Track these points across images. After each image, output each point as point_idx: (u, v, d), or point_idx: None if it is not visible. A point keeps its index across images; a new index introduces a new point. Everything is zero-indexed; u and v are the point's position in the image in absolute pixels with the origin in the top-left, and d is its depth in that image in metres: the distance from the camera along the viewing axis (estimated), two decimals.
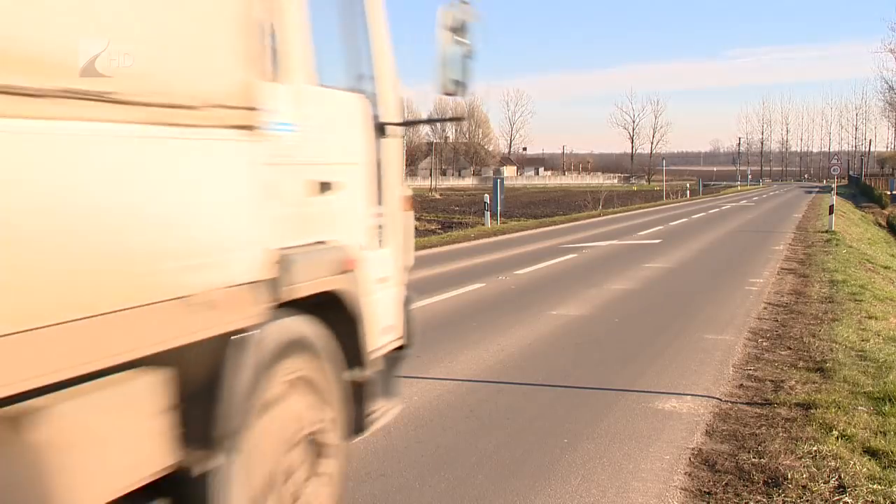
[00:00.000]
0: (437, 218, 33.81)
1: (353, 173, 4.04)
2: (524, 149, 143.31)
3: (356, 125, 4.11)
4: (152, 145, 2.57)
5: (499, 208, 30.50)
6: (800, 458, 5.37)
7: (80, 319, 2.31)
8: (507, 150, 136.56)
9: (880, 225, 39.88)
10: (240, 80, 2.99)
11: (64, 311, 2.26)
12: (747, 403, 6.77)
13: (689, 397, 6.92)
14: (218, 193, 2.91)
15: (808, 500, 4.71)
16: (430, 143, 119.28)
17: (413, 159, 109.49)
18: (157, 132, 2.59)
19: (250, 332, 3.08)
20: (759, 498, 4.77)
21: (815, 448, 5.53)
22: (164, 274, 2.62)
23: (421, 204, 42.70)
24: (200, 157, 2.81)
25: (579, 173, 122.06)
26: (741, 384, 7.37)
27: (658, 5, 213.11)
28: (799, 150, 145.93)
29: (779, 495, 4.78)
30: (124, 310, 2.45)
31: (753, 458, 5.42)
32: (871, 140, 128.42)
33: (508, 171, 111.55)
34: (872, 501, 4.70)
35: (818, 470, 5.16)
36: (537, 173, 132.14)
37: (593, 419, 6.28)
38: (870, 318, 10.77)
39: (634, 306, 11.81)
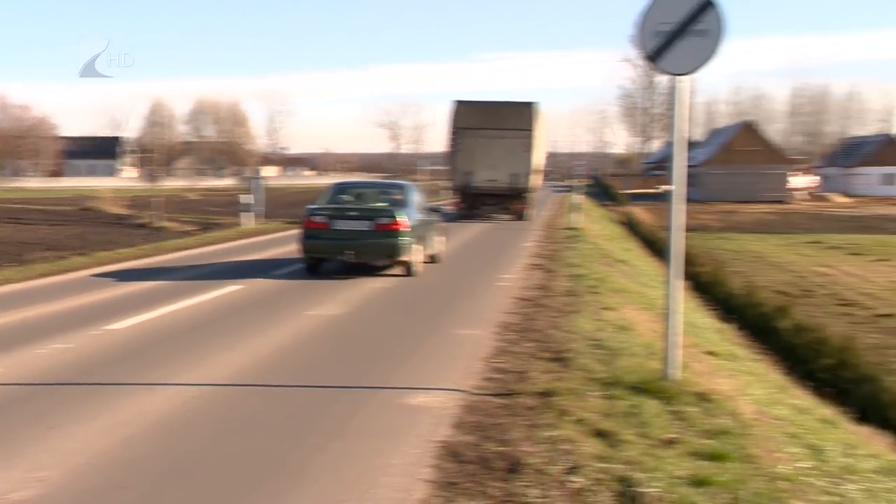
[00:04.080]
0: (194, 219, 32.70)
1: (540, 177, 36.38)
2: (285, 148, 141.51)
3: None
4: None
5: (259, 208, 30.06)
6: (538, 444, 5.69)
7: None
8: (268, 150, 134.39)
9: (620, 222, 43.02)
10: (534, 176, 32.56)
11: None
12: (493, 395, 7.07)
13: (439, 391, 7.14)
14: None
15: (542, 483, 5.01)
16: (186, 143, 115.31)
17: (169, 159, 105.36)
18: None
19: None
20: (498, 484, 5.01)
21: (551, 434, 5.89)
22: None
23: (177, 205, 41.17)
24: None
25: (343, 173, 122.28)
26: (488, 377, 7.69)
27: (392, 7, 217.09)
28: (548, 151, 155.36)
29: (516, 480, 5.05)
30: None
31: (496, 446, 5.68)
32: (612, 143, 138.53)
33: (271, 170, 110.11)
34: (599, 479, 5.07)
35: (554, 454, 5.49)
36: (300, 173, 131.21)
37: (346, 417, 6.34)
38: (605, 308, 11.59)
39: (393, 303, 12.03)
